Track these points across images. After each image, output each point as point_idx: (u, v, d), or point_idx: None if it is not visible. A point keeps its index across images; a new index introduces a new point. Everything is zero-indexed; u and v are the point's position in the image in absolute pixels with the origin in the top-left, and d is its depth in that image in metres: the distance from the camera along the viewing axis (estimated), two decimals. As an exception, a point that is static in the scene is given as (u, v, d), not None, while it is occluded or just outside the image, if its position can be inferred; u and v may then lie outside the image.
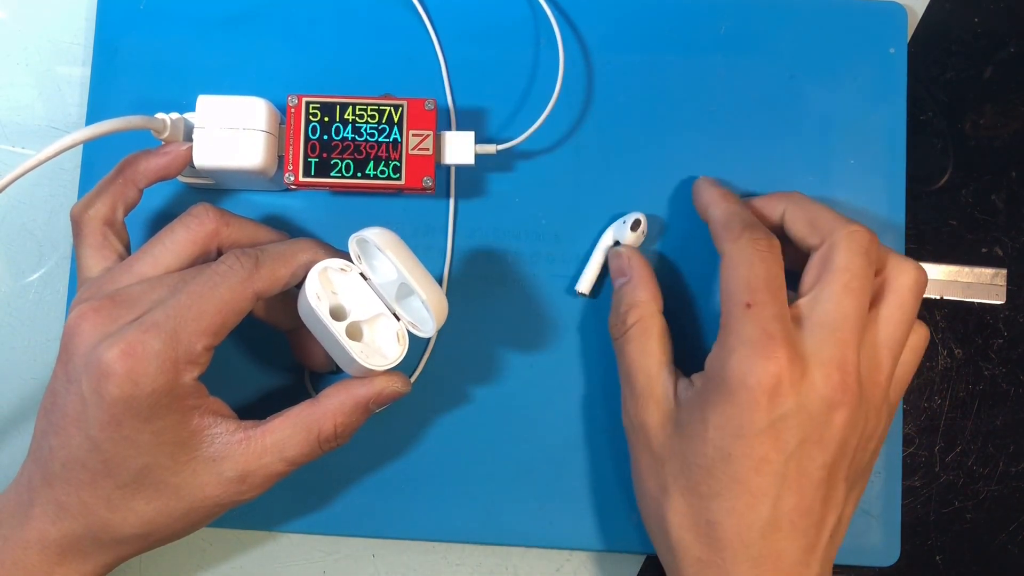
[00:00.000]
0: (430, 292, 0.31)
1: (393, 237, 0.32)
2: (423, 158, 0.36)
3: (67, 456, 0.31)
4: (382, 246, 0.31)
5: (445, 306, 0.32)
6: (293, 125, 0.36)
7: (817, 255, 0.33)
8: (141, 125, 0.34)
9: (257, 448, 0.32)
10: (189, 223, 0.33)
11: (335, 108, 0.36)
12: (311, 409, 0.33)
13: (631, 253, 0.37)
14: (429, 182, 0.36)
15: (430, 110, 0.36)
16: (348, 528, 0.39)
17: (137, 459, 0.30)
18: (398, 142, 0.36)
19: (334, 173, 0.36)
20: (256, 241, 0.35)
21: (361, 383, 0.33)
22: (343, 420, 0.33)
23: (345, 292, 0.32)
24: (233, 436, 0.32)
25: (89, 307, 0.31)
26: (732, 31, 0.41)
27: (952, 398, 0.41)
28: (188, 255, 0.33)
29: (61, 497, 0.31)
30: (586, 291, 0.38)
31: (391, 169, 0.36)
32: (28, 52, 0.42)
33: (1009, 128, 0.42)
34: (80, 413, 0.30)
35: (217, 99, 0.35)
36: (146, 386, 0.29)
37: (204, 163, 0.35)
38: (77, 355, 0.31)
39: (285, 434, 0.32)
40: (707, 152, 0.40)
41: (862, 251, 0.32)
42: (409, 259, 0.32)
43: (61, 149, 0.32)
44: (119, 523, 0.31)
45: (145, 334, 0.30)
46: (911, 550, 0.40)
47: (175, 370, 0.30)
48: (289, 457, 0.32)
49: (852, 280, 0.32)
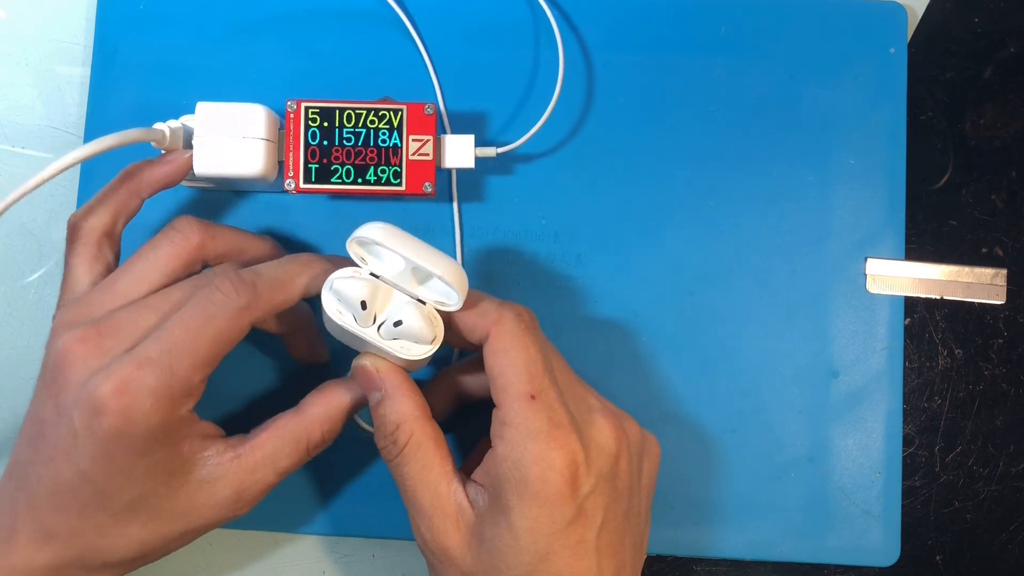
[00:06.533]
0: (444, 267, 0.30)
1: (388, 228, 0.31)
2: (423, 163, 0.36)
3: (56, 486, 0.30)
4: (380, 240, 0.30)
5: (463, 275, 0.31)
6: (293, 131, 0.36)
7: (488, 346, 0.31)
8: (141, 138, 0.33)
9: (249, 465, 0.31)
10: (173, 238, 0.33)
11: (334, 113, 0.36)
12: (298, 419, 0.32)
13: (377, 363, 0.32)
14: (429, 187, 0.36)
15: (429, 114, 0.36)
16: (348, 528, 0.39)
17: (130, 490, 0.30)
18: (398, 147, 0.36)
19: (334, 179, 0.36)
20: (243, 251, 0.34)
21: (343, 389, 0.33)
22: (329, 427, 0.32)
23: (363, 294, 0.32)
24: (224, 456, 0.31)
25: (76, 337, 0.30)
26: (732, 31, 0.41)
27: (952, 398, 0.41)
28: (172, 271, 0.32)
29: (49, 524, 0.30)
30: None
31: (391, 174, 0.36)
32: (28, 52, 0.42)
33: (1009, 128, 0.42)
34: (71, 446, 0.29)
35: (216, 106, 0.35)
36: (141, 423, 0.29)
37: (204, 171, 0.35)
38: (69, 388, 0.29)
39: (275, 447, 0.32)
40: (707, 152, 0.40)
41: (519, 325, 0.31)
42: (411, 243, 0.31)
43: (60, 169, 0.31)
44: (109, 548, 0.31)
45: (139, 370, 0.29)
46: (911, 550, 0.40)
47: (171, 406, 0.29)
48: (281, 469, 0.32)
49: (531, 341, 0.31)
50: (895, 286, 0.40)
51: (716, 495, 0.39)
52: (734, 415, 0.39)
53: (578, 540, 0.30)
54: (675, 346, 0.39)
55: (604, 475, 0.30)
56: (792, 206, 0.40)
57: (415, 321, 0.31)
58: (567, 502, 0.29)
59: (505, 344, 0.31)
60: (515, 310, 0.31)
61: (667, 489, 0.38)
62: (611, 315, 0.39)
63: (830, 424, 0.39)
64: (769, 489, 0.39)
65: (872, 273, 0.40)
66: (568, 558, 0.29)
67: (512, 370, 0.30)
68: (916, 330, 0.41)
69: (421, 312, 0.31)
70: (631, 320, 0.39)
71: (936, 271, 0.41)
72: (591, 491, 0.30)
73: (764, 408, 0.39)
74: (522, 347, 0.30)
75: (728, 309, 0.39)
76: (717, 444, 0.39)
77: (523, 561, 0.29)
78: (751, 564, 0.40)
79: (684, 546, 0.39)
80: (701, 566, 0.40)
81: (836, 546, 0.39)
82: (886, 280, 0.40)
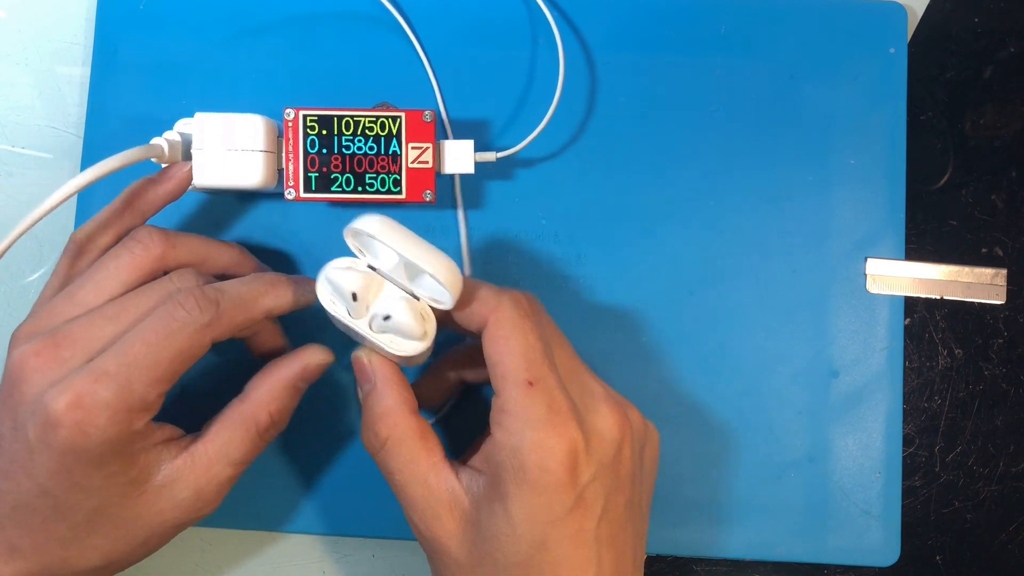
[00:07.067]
0: (436, 265, 0.30)
1: (384, 221, 0.31)
2: (423, 171, 0.36)
3: (16, 500, 0.30)
4: (374, 233, 0.30)
5: (456, 273, 0.30)
6: (292, 139, 0.36)
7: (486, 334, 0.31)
8: (140, 156, 0.33)
9: (203, 461, 0.31)
10: (133, 248, 0.32)
11: (332, 121, 0.36)
12: (243, 406, 0.32)
13: (371, 356, 0.33)
14: (429, 195, 0.36)
15: (428, 122, 0.36)
16: (348, 528, 0.39)
17: (88, 502, 0.30)
18: (397, 155, 0.36)
19: (334, 188, 0.36)
20: (207, 260, 0.34)
21: (283, 365, 0.33)
22: (276, 407, 0.32)
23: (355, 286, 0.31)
24: (178, 458, 0.31)
25: (32, 350, 0.30)
26: (732, 31, 0.41)
27: (952, 398, 0.41)
28: (133, 282, 0.32)
29: (12, 538, 0.30)
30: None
31: (391, 183, 0.36)
32: (28, 52, 0.42)
33: (1009, 128, 0.42)
34: (28, 460, 0.29)
35: (214, 117, 0.35)
36: (96, 437, 0.28)
37: (203, 183, 0.35)
38: (24, 402, 0.29)
39: (225, 438, 0.31)
40: (707, 152, 0.40)
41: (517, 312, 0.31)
42: (405, 238, 0.30)
43: (60, 200, 0.31)
44: (76, 559, 0.30)
45: (95, 383, 0.28)
46: (911, 550, 0.40)
47: (127, 420, 0.29)
48: (235, 460, 0.31)
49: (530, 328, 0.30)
50: (895, 286, 0.40)
51: (716, 495, 0.39)
52: (734, 415, 0.39)
53: (577, 529, 0.29)
54: (675, 346, 0.39)
55: (605, 463, 0.30)
56: (792, 206, 0.40)
57: (404, 317, 0.31)
58: (566, 490, 0.29)
59: (503, 331, 0.30)
60: (514, 297, 0.31)
61: (667, 489, 0.38)
62: (611, 315, 0.39)
63: (830, 424, 0.39)
64: (769, 489, 0.39)
65: (872, 273, 0.40)
66: (566, 547, 0.29)
67: (510, 357, 0.30)
68: (916, 330, 0.41)
69: (411, 308, 0.31)
70: (631, 320, 0.39)
71: (936, 271, 0.41)
72: (591, 479, 0.29)
73: (764, 408, 0.39)
74: (520, 334, 0.30)
75: (728, 309, 0.39)
76: (717, 444, 0.39)
77: (520, 550, 0.29)
78: (751, 564, 0.40)
79: (684, 546, 0.39)
80: (701, 566, 0.40)
81: (836, 546, 0.39)
82: (886, 280, 0.40)
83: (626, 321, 0.39)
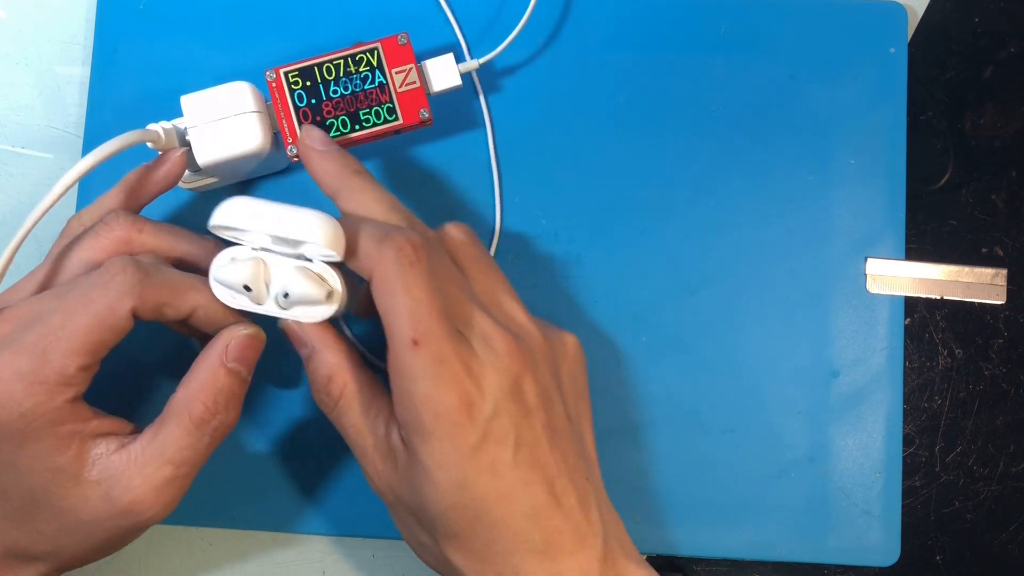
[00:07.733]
0: (306, 229, 0.29)
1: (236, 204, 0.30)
2: (413, 92, 0.36)
3: None
4: (232, 223, 0.29)
5: (330, 229, 0.29)
6: (279, 99, 0.36)
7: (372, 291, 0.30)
8: (138, 139, 0.33)
9: (138, 460, 0.30)
10: (99, 230, 0.32)
11: (313, 70, 0.36)
12: (174, 398, 0.31)
13: (297, 324, 0.32)
14: (426, 113, 0.36)
15: (404, 44, 0.36)
16: (348, 528, 0.39)
17: (20, 482, 0.29)
18: (384, 84, 0.36)
19: (333, 133, 0.36)
20: (174, 248, 0.33)
21: (206, 349, 0.31)
22: (209, 394, 0.30)
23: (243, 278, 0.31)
24: (115, 454, 0.30)
25: None
26: (732, 31, 0.41)
27: (952, 398, 0.41)
28: (96, 262, 0.31)
29: None
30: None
31: (386, 112, 0.36)
32: (28, 52, 0.42)
33: (1009, 128, 0.42)
34: None
35: (200, 95, 0.35)
36: (12, 409, 0.28)
37: (207, 159, 0.35)
38: None
39: (160, 435, 0.30)
40: (707, 152, 0.40)
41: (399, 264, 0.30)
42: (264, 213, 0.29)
43: (64, 189, 0.31)
44: (28, 541, 0.30)
45: (15, 356, 0.28)
46: (911, 550, 0.40)
47: (45, 392, 0.28)
48: (171, 457, 0.30)
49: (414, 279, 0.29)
50: (895, 286, 0.40)
51: (716, 495, 0.39)
52: (734, 415, 0.39)
53: (491, 462, 0.29)
54: (675, 346, 0.39)
55: (504, 395, 0.29)
56: (792, 206, 0.40)
57: (301, 288, 0.30)
58: (466, 431, 0.29)
59: (387, 287, 0.29)
60: (396, 244, 0.29)
61: (668, 489, 0.38)
62: (611, 315, 0.39)
63: (830, 424, 0.39)
64: (769, 489, 0.39)
65: (872, 273, 0.40)
66: (486, 481, 0.29)
67: (393, 315, 0.29)
68: (916, 330, 0.41)
69: (307, 277, 0.30)
70: (631, 320, 0.39)
71: (936, 271, 0.41)
72: (492, 414, 0.29)
73: (764, 408, 0.39)
74: (403, 289, 0.29)
75: (728, 309, 0.39)
76: (717, 444, 0.39)
77: (444, 496, 0.29)
78: (751, 564, 0.40)
79: (684, 546, 0.39)
80: (701, 566, 0.40)
81: (836, 546, 0.39)
82: (886, 280, 0.40)
83: (626, 321, 0.39)
